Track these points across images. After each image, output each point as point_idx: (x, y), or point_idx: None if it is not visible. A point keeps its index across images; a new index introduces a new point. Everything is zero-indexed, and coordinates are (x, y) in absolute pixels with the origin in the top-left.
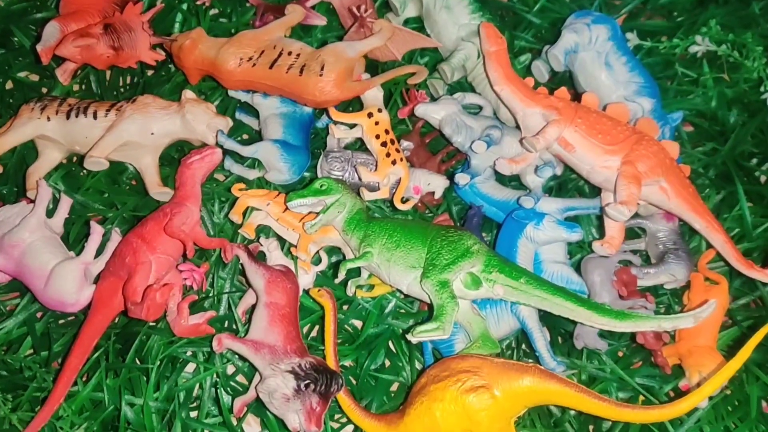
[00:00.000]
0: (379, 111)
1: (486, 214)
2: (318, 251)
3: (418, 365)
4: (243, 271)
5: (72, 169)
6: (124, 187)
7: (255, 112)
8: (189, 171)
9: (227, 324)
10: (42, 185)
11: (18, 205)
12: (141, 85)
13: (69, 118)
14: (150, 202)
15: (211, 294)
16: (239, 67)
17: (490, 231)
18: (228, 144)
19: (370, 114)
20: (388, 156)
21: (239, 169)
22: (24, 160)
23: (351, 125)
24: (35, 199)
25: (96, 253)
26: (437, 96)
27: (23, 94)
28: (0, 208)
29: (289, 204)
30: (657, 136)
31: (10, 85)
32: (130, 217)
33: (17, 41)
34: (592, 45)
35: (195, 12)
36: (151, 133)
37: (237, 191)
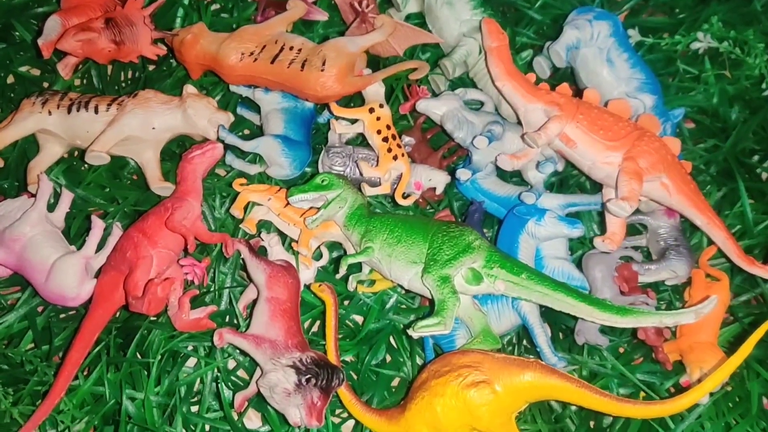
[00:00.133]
0: (381, 106)
1: (487, 209)
2: (319, 246)
3: (419, 360)
4: (244, 266)
5: (73, 164)
6: (125, 182)
7: (256, 107)
8: (190, 166)
9: (228, 319)
10: (43, 179)
11: (19, 200)
12: (142, 80)
13: (70, 112)
14: (151, 196)
15: (213, 289)
16: (240, 62)
17: (491, 227)
18: (229, 139)
19: (371, 109)
20: (389, 151)
21: (240, 164)
22: (25, 154)
23: (352, 120)
24: (36, 194)
25: (97, 248)
26: (439, 92)
27: (24, 88)
28: (1, 202)
29: (291, 199)
30: (658, 132)
31: (11, 80)
32: (131, 212)
33: (18, 35)
34: (593, 41)
35: (196, 7)
36: (153, 128)
37: (238, 186)
